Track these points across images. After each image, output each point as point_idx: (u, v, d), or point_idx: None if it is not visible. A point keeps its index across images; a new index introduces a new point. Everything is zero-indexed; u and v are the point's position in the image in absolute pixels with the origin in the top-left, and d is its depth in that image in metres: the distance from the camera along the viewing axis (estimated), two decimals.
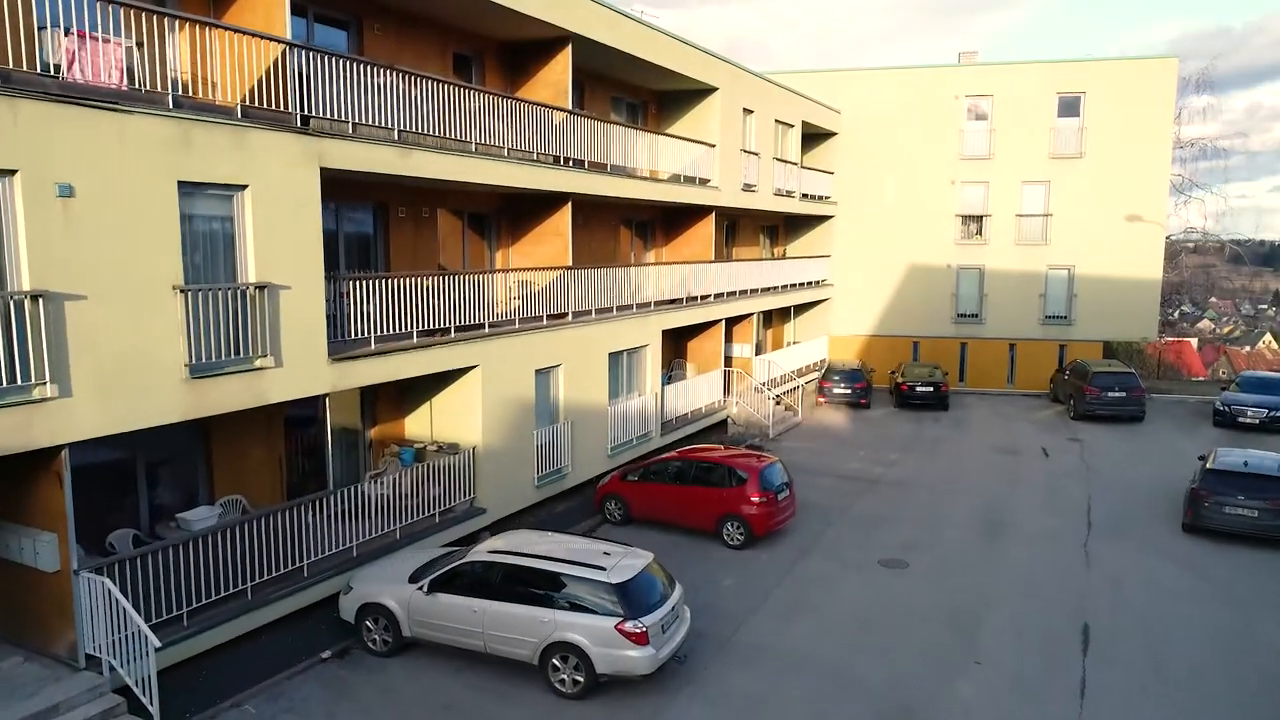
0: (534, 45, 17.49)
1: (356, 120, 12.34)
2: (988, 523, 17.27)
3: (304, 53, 11.58)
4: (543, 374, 16.75)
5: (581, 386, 17.83)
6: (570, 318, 17.52)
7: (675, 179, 21.59)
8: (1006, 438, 24.90)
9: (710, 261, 23.56)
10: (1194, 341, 74.65)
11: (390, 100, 12.86)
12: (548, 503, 17.34)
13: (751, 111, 25.51)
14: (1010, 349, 32.53)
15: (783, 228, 33.60)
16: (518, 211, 18.10)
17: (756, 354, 27.29)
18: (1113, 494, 19.31)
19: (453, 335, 14.43)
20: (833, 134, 33.00)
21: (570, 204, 17.65)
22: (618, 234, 22.56)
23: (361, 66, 12.39)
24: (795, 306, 32.43)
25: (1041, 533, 16.66)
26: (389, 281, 13.14)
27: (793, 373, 30.12)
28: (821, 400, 28.85)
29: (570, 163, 17.29)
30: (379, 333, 12.95)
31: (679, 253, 24.47)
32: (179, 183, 9.90)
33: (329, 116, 11.96)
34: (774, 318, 32.48)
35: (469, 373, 14.91)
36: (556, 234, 17.85)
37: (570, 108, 17.29)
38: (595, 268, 18.33)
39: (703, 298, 23.08)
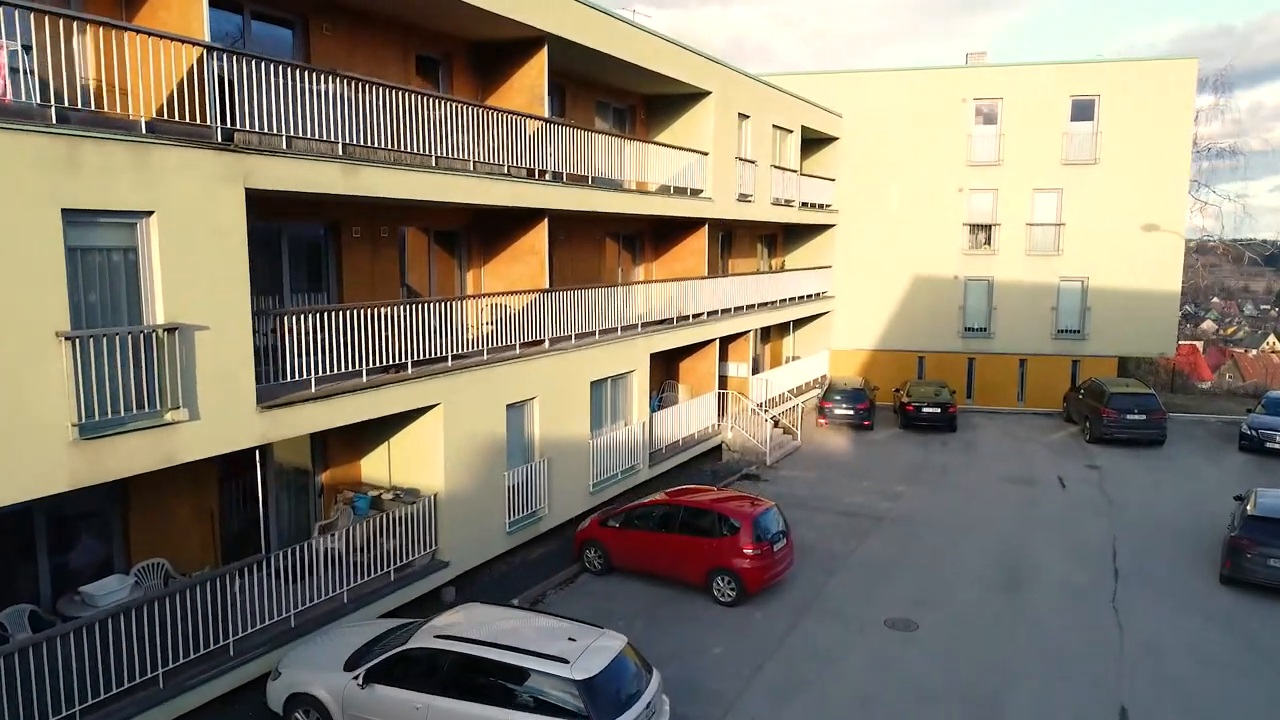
0: (507, 46, 15.97)
1: (292, 134, 10.82)
2: (1004, 572, 15.73)
3: (226, 57, 10.06)
4: (515, 408, 15.23)
5: (560, 420, 16.32)
6: (547, 345, 16.00)
7: (665, 190, 20.07)
8: (1019, 464, 23.37)
9: (703, 278, 22.02)
10: (1199, 344, 73.13)
11: (334, 111, 11.34)
12: (521, 549, 15.83)
13: (747, 116, 23.98)
14: (1020, 365, 30.99)
15: (781, 237, 32.06)
16: (490, 228, 16.59)
17: (753, 373, 25.77)
18: (1138, 534, 17.78)
19: (410, 371, 12.90)
20: (834, 139, 31.46)
21: (547, 221, 16.13)
22: (603, 248, 21.04)
23: (297, 72, 10.86)
24: (795, 321, 30.90)
25: (1064, 586, 15.11)
26: (333, 315, 11.62)
27: (792, 390, 28.63)
28: (822, 421, 27.31)
29: (547, 176, 15.78)
30: (323, 372, 11.44)
31: (670, 268, 22.95)
32: (64, 211, 8.38)
33: (259, 130, 10.44)
34: (772, 332, 30.96)
35: (430, 412, 13.40)
36: (532, 252, 16.33)
37: (546, 116, 15.77)
38: (576, 288, 16.80)
39: (695, 316, 21.57)
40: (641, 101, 22.12)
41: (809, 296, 29.79)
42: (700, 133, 21.96)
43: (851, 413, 26.82)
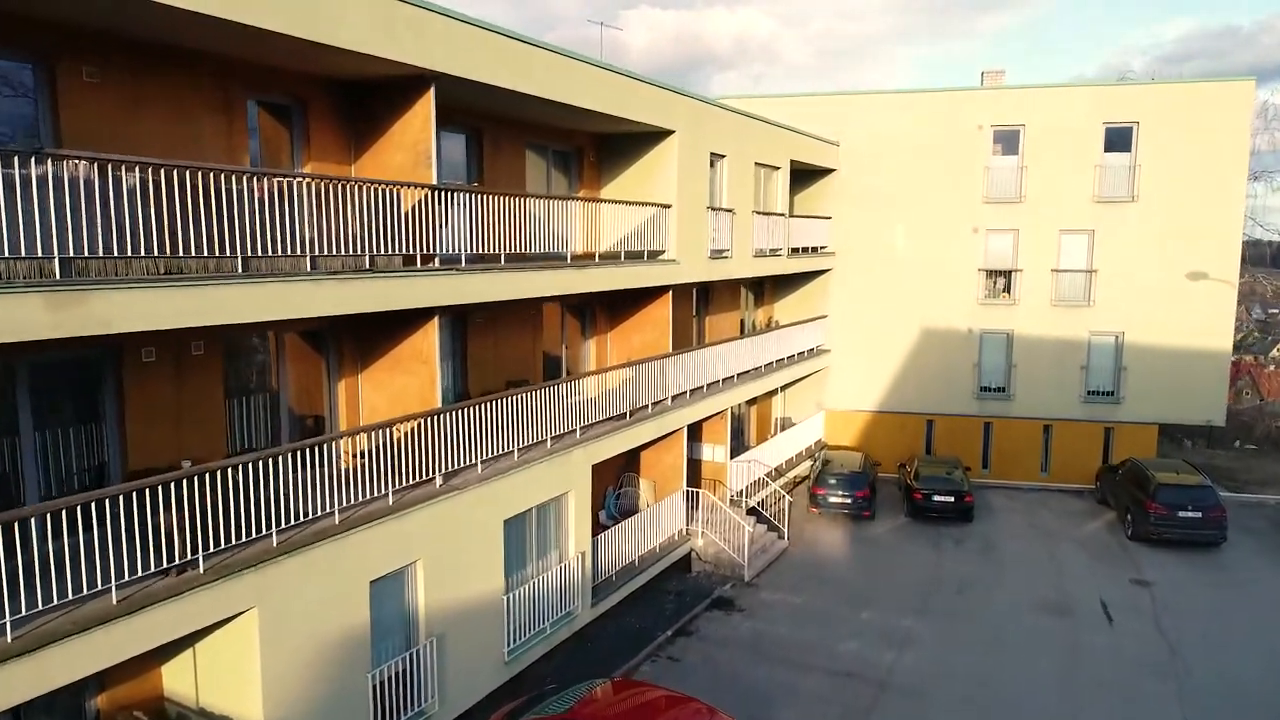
0: (384, 85, 11.98)
1: None
2: None
3: None
4: (387, 581, 11.21)
5: (457, 580, 12.29)
6: (439, 483, 11.98)
7: (613, 258, 16.03)
8: (1051, 578, 19.28)
9: (667, 355, 17.99)
10: None
11: (43, 209, 7.34)
12: None
13: (722, 156, 19.95)
14: (1044, 431, 26.91)
15: (770, 284, 27.99)
16: (366, 331, 12.59)
17: (733, 455, 21.74)
18: (1219, 713, 13.73)
19: (202, 570, 8.90)
20: (830, 170, 27.41)
21: (437, 320, 12.13)
22: (539, 322, 17.00)
23: None
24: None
25: None
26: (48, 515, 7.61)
27: (780, 466, 24.60)
28: (815, 511, 23.24)
29: (436, 262, 11.78)
30: (44, 596, 7.46)
31: (627, 341, 18.92)
32: None
33: None
34: (759, 395, 26.90)
35: (237, 620, 9.39)
36: (420, 360, 12.32)
37: (434, 182, 11.75)
38: (486, 400, 12.75)
39: (657, 404, 17.55)
40: (591, 142, 18.11)
41: (801, 354, 25.74)
42: (661, 180, 17.93)
43: (849, 501, 22.74)
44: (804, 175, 27.06)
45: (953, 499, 22.49)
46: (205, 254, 8.65)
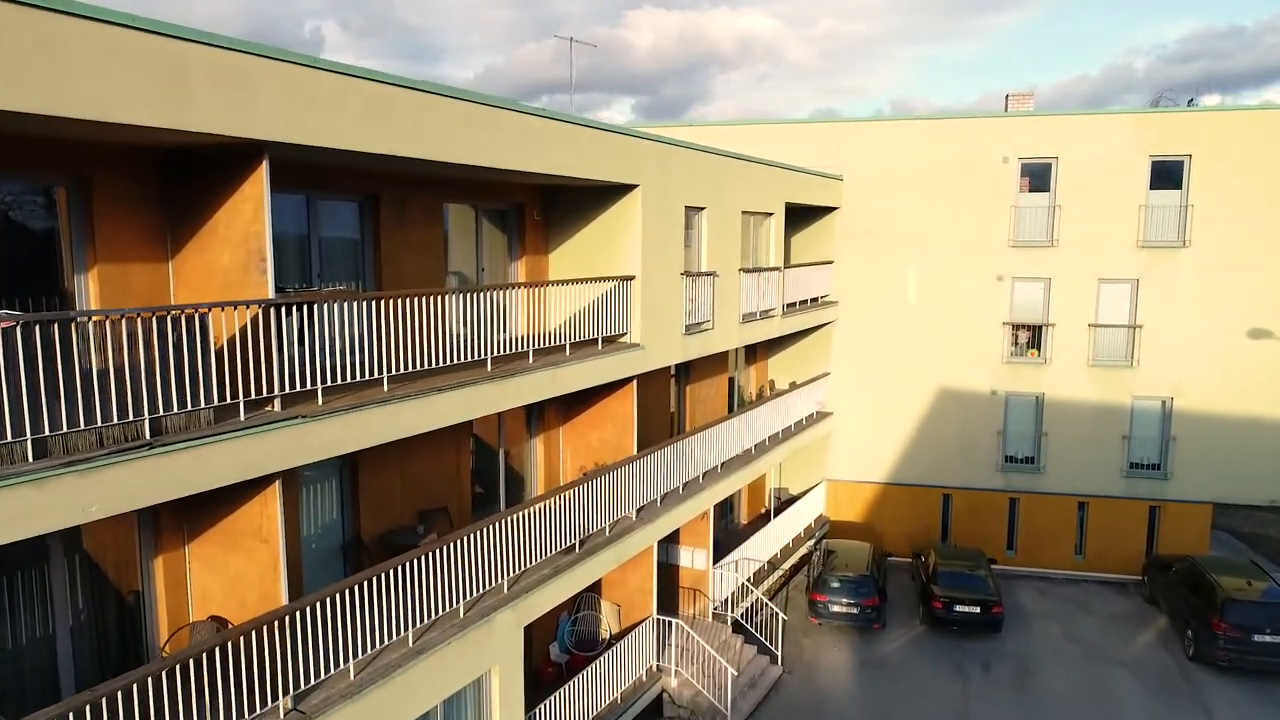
0: (200, 156, 8.50)
1: None
2: None
3: None
4: None
5: None
6: (286, 710, 8.45)
7: (551, 356, 12.52)
8: None
9: (632, 459, 14.47)
10: None
11: None
12: None
13: (700, 209, 16.46)
14: (1079, 509, 23.38)
15: (764, 342, 24.44)
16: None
17: (718, 551, 18.26)
18: None
19: None
20: (832, 209, 23.92)
21: (278, 485, 8.62)
22: (464, 429, 13.44)
23: None
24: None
25: None
26: None
27: (777, 555, 21.11)
28: (816, 621, 19.69)
29: (277, 404, 8.31)
30: None
31: (583, 439, 15.43)
32: None
33: None
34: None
35: None
36: (258, 537, 8.82)
37: (268, 294, 8.24)
38: (358, 580, 9.18)
39: (617, 524, 14.08)
40: (535, 196, 14.60)
41: (800, 423, 22.24)
42: (624, 242, 14.42)
43: (855, 611, 19.18)
44: (802, 213, 23.56)
45: (978, 609, 18.92)
46: None
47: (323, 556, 11.19)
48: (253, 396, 8.00)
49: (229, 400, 7.84)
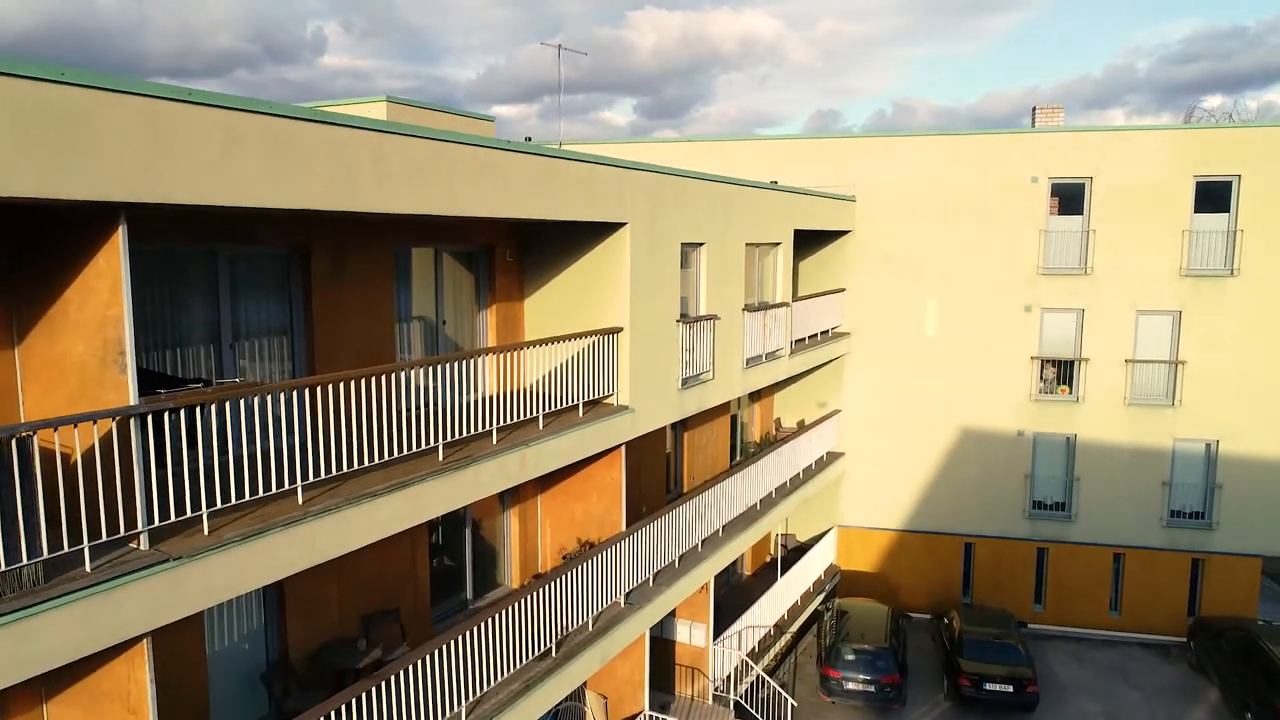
0: (48, 219, 6.56)
1: None
2: None
3: None
4: None
5: None
6: None
7: (527, 426, 10.56)
8: None
9: (620, 537, 12.51)
10: None
11: None
12: None
13: (699, 244, 14.49)
14: (1115, 560, 21.40)
15: None
16: None
17: (716, 633, 16.30)
18: None
19: None
20: (844, 232, 21.95)
21: (147, 643, 6.65)
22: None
23: None
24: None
25: None
26: None
27: (784, 617, 19.14)
28: (827, 699, 17.68)
29: (144, 540, 6.38)
30: None
31: (566, 511, 13.46)
32: None
33: None
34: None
35: None
36: (127, 709, 6.84)
37: (130, 400, 6.28)
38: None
39: (600, 616, 12.12)
40: (507, 235, 12.62)
41: (810, 469, 20.27)
42: (610, 287, 12.45)
43: (872, 688, 17.18)
44: (811, 236, 21.60)
45: (1011, 688, 16.90)
46: None
47: (237, 686, 9.21)
48: (106, 538, 6.05)
49: (67, 548, 5.88)
